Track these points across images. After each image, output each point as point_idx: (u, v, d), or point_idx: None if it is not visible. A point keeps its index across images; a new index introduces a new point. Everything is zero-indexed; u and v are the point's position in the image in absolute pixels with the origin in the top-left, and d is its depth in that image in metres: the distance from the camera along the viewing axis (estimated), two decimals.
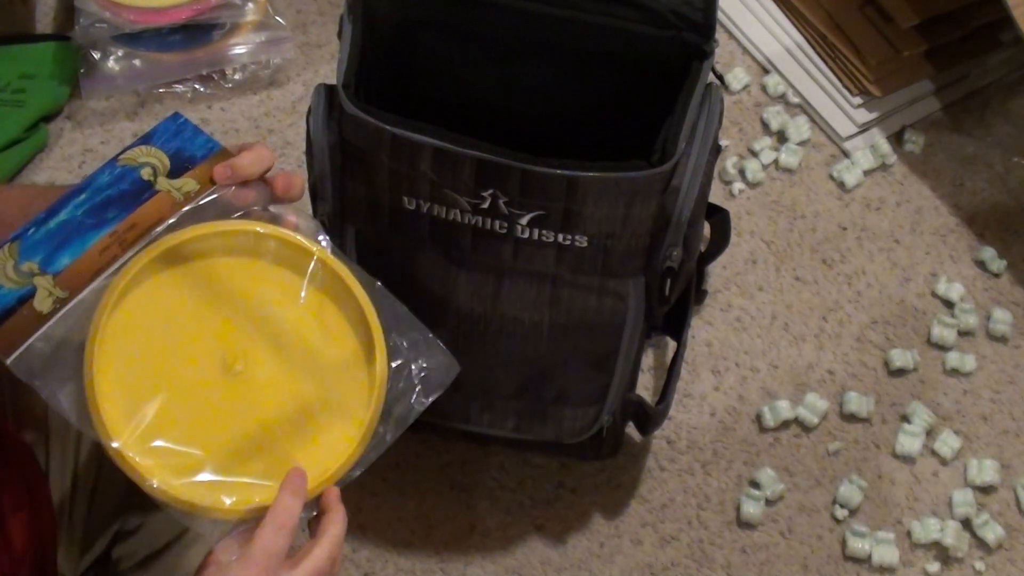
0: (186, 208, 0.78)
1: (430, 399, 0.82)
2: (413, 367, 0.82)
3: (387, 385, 0.80)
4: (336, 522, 0.76)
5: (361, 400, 0.79)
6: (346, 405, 0.79)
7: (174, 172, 0.79)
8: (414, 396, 0.82)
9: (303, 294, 0.80)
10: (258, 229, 0.78)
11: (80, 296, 0.75)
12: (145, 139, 0.81)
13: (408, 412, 0.81)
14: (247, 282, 0.79)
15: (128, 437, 0.74)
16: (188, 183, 0.79)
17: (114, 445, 0.73)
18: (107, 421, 0.73)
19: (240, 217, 0.79)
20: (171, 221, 0.77)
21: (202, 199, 0.78)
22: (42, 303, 0.74)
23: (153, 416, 0.75)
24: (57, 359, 0.74)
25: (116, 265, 0.76)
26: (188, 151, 0.80)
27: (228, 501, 0.75)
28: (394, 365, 0.81)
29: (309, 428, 0.78)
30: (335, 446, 0.78)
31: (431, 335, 0.82)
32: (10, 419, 0.94)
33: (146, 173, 0.79)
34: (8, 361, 0.73)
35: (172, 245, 0.77)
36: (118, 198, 0.78)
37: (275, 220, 0.80)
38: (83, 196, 0.78)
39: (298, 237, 0.79)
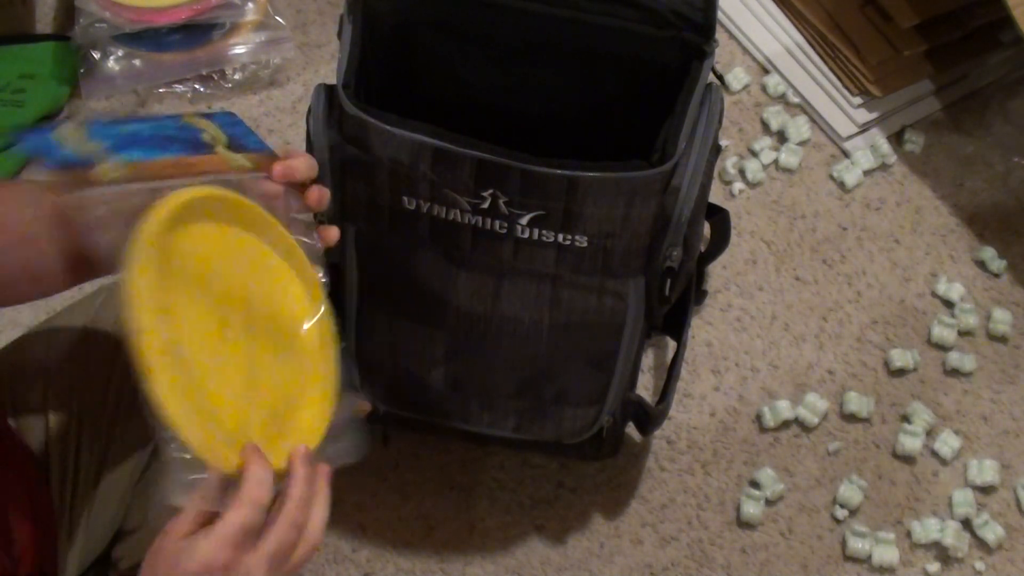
0: (241, 176, 0.81)
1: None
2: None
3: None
4: (295, 483, 0.71)
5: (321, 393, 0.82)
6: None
7: (230, 148, 0.82)
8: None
9: (305, 325, 0.84)
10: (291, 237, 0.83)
11: (144, 184, 0.76)
12: (205, 116, 0.84)
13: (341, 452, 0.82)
14: (269, 276, 0.82)
15: (151, 332, 0.70)
16: (242, 160, 0.81)
17: (140, 333, 0.70)
18: (138, 311, 0.70)
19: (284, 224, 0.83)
20: (229, 177, 0.80)
21: (252, 176, 0.81)
22: (106, 173, 0.75)
23: (173, 334, 0.73)
24: (108, 219, 0.74)
25: (179, 182, 0.77)
26: (242, 140, 0.84)
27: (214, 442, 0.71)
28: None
29: (280, 407, 0.79)
30: (301, 428, 0.79)
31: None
32: (10, 419, 0.94)
33: (206, 137, 0.82)
34: (66, 197, 0.73)
35: (221, 195, 0.78)
36: (181, 141, 0.80)
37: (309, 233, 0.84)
38: (148, 124, 0.80)
39: (310, 267, 0.83)
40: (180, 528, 0.68)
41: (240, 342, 0.79)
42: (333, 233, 0.84)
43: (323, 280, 0.84)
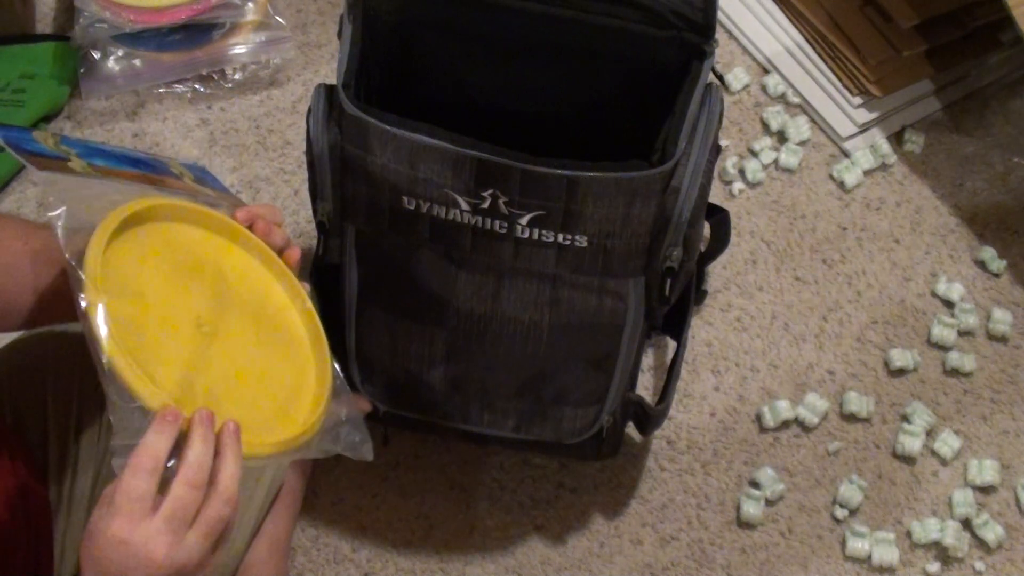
0: (202, 198, 0.85)
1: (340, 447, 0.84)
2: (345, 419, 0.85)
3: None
4: (189, 445, 0.71)
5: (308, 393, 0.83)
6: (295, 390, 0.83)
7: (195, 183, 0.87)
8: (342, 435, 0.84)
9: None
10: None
11: (111, 181, 0.79)
12: (179, 162, 0.91)
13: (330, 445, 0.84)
14: (242, 270, 0.85)
15: (103, 301, 0.72)
16: (205, 189, 0.86)
17: (86, 303, 0.71)
18: (91, 276, 0.72)
19: None
20: (200, 198, 0.85)
21: (217, 207, 0.86)
22: (76, 167, 0.78)
23: (131, 317, 0.74)
24: (74, 198, 0.75)
25: (142, 187, 0.81)
26: (210, 184, 0.90)
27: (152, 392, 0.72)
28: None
29: (251, 395, 0.80)
30: (274, 418, 0.80)
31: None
32: (9, 418, 0.94)
33: (175, 168, 0.87)
34: (39, 172, 0.74)
35: (194, 206, 0.82)
36: (150, 165, 0.85)
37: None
38: (119, 149, 0.85)
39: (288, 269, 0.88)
40: (105, 497, 0.69)
41: (222, 337, 0.79)
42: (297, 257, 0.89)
43: (304, 284, 0.88)
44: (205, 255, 0.83)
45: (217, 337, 0.79)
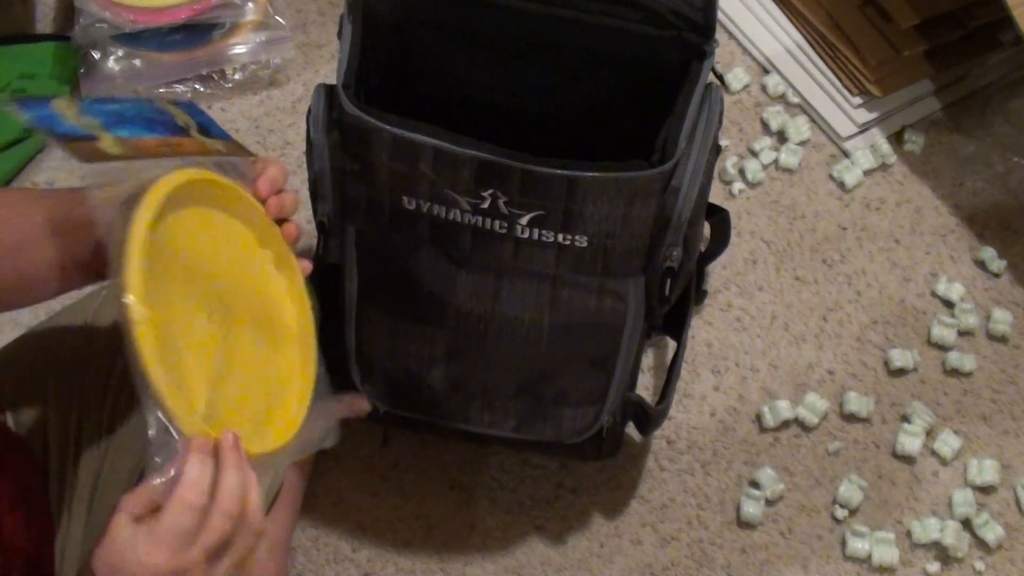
0: (219, 159, 0.82)
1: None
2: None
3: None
4: (226, 475, 0.70)
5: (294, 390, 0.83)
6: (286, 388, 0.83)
7: (200, 134, 0.85)
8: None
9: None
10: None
11: (146, 160, 0.77)
12: (173, 103, 0.87)
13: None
14: (253, 252, 0.84)
15: (141, 297, 0.71)
16: (217, 145, 0.83)
17: (128, 299, 0.71)
18: (131, 277, 0.71)
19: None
20: (215, 158, 0.82)
21: (227, 160, 0.83)
22: (108, 147, 0.76)
23: (162, 315, 0.73)
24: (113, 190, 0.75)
25: (173, 160, 0.78)
26: (208, 128, 0.86)
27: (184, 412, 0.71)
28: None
29: (243, 393, 0.79)
30: (264, 415, 0.79)
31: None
32: (9, 418, 0.94)
33: (180, 120, 0.84)
34: (88, 165, 0.73)
35: (210, 177, 0.80)
36: (161, 123, 0.82)
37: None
38: (130, 104, 0.82)
39: (291, 253, 0.87)
40: (129, 506, 0.68)
41: (222, 327, 0.79)
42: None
43: (304, 271, 0.86)
44: (214, 241, 0.82)
45: (226, 337, 0.79)
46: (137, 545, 0.68)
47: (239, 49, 1.50)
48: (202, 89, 1.51)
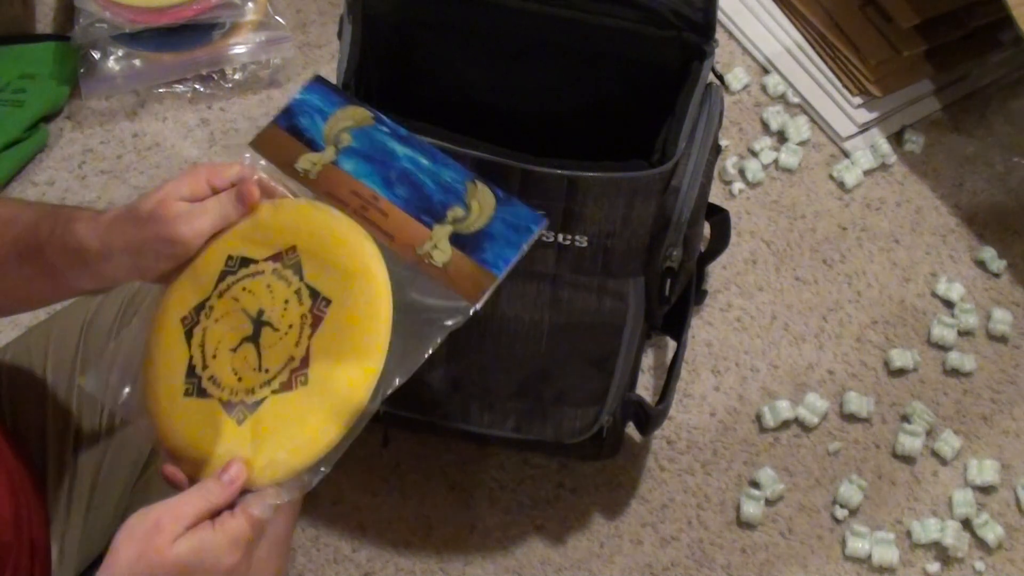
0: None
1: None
2: None
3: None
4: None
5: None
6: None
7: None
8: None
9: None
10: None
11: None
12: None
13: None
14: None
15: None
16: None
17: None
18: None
19: None
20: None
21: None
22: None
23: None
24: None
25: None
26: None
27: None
28: None
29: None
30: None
31: None
32: (8, 419, 0.94)
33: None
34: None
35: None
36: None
37: None
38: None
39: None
40: (181, 516, 0.69)
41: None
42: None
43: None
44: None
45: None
46: (217, 548, 0.71)
47: (239, 49, 1.50)
48: (202, 89, 1.51)
